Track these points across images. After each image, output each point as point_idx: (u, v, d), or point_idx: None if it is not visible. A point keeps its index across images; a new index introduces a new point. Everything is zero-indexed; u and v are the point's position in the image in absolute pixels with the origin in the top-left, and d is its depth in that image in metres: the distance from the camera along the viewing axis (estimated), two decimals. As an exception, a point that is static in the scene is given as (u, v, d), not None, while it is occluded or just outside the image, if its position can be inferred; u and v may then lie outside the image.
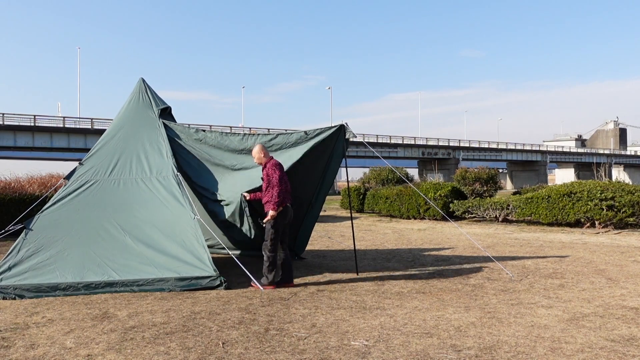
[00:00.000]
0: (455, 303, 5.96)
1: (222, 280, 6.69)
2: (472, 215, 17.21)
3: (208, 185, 7.88)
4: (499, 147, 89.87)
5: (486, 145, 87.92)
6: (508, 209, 16.12)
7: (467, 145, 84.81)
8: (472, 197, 18.38)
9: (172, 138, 8.11)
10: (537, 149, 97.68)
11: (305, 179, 8.56)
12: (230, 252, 7.75)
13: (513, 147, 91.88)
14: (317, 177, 8.47)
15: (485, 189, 19.17)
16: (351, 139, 7.59)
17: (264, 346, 4.46)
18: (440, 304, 5.91)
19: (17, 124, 51.95)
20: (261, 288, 6.65)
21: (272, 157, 7.04)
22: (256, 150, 7.07)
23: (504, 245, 11.25)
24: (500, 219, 16.43)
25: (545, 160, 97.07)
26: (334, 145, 7.86)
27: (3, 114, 51.19)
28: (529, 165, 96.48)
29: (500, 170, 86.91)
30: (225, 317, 5.40)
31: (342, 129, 7.51)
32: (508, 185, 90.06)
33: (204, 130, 8.36)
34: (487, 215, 16.66)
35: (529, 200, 15.44)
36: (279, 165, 6.89)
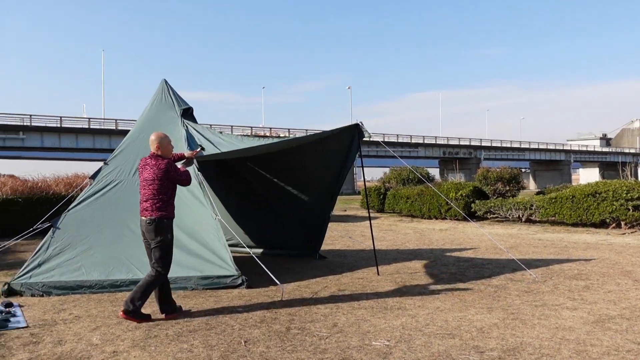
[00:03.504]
0: (478, 304, 5.92)
1: (244, 279, 6.75)
2: (494, 216, 17.04)
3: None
4: (522, 146, 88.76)
5: (508, 145, 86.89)
6: (531, 209, 15.92)
7: (488, 144, 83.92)
8: (494, 197, 18.19)
9: (194, 138, 8.20)
10: (561, 148, 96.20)
11: (320, 179, 8.60)
12: (251, 252, 7.81)
13: (536, 147, 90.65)
14: (333, 177, 8.51)
15: (507, 188, 18.95)
16: (368, 139, 7.59)
17: (286, 345, 4.49)
18: (463, 305, 5.87)
19: (44, 125, 53.00)
20: (283, 288, 6.68)
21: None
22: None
23: (527, 246, 11.12)
24: (523, 220, 16.24)
25: (569, 160, 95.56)
26: (349, 145, 7.88)
27: (30, 115, 52.26)
28: (553, 164, 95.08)
29: (523, 170, 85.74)
30: (247, 315, 5.45)
31: (356, 128, 7.50)
32: (531, 185, 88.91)
33: (221, 132, 8.58)
34: (509, 215, 16.48)
35: (553, 200, 15.23)
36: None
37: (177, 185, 5.40)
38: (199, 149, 6.01)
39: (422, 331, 4.86)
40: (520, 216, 16.26)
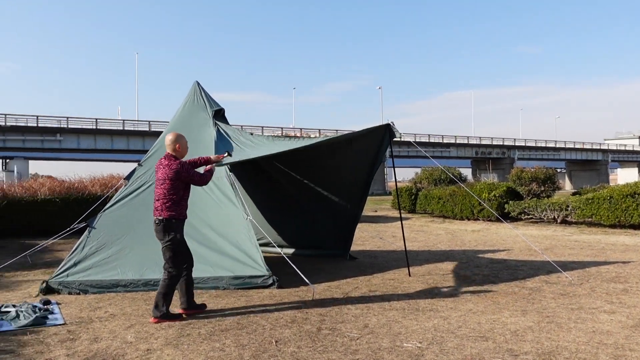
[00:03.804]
0: (512, 306, 5.81)
1: (275, 280, 6.78)
2: (528, 217, 16.72)
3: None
4: (557, 145, 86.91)
5: (543, 144, 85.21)
6: (567, 210, 15.57)
7: (522, 144, 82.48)
8: (529, 198, 17.85)
9: (225, 139, 8.28)
10: (598, 147, 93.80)
11: (351, 179, 8.58)
12: (282, 252, 7.85)
13: (572, 146, 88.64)
14: (363, 177, 8.48)
15: (542, 189, 18.57)
16: (398, 139, 7.54)
17: (317, 345, 4.49)
18: (496, 307, 5.77)
19: (80, 127, 54.39)
20: (314, 288, 6.69)
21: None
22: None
23: (562, 248, 10.88)
24: (558, 221, 15.89)
25: (607, 160, 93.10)
26: (380, 145, 7.84)
27: (67, 117, 53.72)
28: (589, 164, 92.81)
29: (559, 170, 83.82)
30: (278, 315, 5.47)
31: (387, 128, 7.45)
32: (567, 186, 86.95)
33: (251, 134, 8.64)
34: (544, 216, 16.15)
35: (590, 201, 14.86)
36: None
37: (210, 186, 5.43)
38: (225, 154, 6.04)
39: (454, 333, 4.80)
40: (556, 217, 15.91)
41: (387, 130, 7.47)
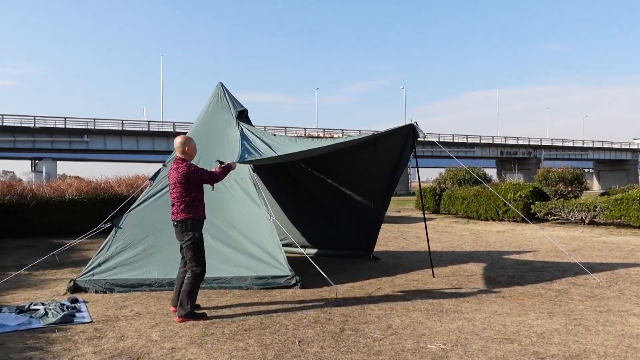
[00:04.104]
0: (538, 308, 5.72)
1: (298, 280, 6.79)
2: (555, 217, 16.45)
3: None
4: (585, 145, 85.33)
5: (570, 144, 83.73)
6: (595, 210, 15.28)
7: (549, 144, 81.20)
8: (555, 199, 17.56)
9: (248, 139, 8.32)
10: (627, 147, 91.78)
11: (375, 179, 8.55)
12: (304, 252, 7.86)
13: (600, 146, 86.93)
14: (387, 177, 8.44)
15: (569, 189, 18.24)
16: (422, 139, 7.48)
17: (340, 346, 4.48)
18: (522, 309, 5.69)
19: (106, 128, 55.30)
20: (337, 288, 6.68)
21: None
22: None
23: (590, 249, 10.67)
24: (586, 222, 15.60)
25: (636, 159, 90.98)
26: (403, 145, 7.79)
27: (94, 119, 54.65)
28: (618, 164, 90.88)
29: (586, 170, 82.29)
30: (301, 315, 5.48)
31: (411, 128, 7.39)
32: (595, 186, 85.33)
33: (274, 134, 8.67)
34: (571, 217, 15.87)
35: (619, 202, 14.55)
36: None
37: (234, 187, 5.46)
38: (223, 163, 6.03)
39: (479, 335, 4.74)
40: (583, 218, 15.62)
41: (410, 131, 7.42)
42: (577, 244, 11.65)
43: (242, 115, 8.82)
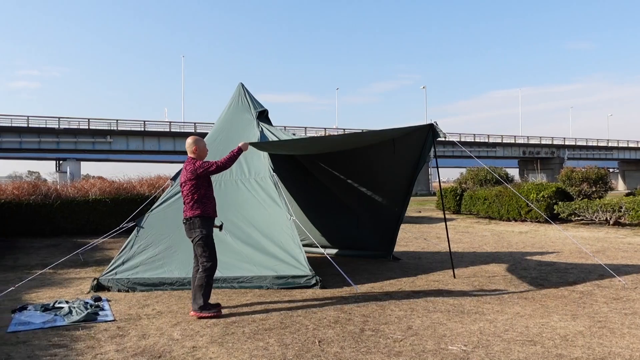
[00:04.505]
0: (561, 310, 5.64)
1: (318, 280, 6.79)
2: (579, 218, 16.20)
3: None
4: (609, 144, 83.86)
5: (594, 143, 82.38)
6: (620, 211, 14.99)
7: (572, 143, 79.97)
8: (579, 199, 17.29)
9: (268, 139, 8.35)
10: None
11: (394, 179, 8.51)
12: (325, 252, 7.86)
13: (625, 145, 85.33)
14: (406, 177, 8.40)
15: (593, 189, 17.94)
16: (443, 139, 7.43)
17: (360, 346, 4.47)
18: (544, 311, 5.61)
19: (129, 129, 56.02)
20: (357, 288, 6.67)
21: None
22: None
23: (615, 251, 10.48)
24: (611, 222, 15.32)
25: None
26: (423, 145, 7.74)
27: (117, 120, 55.43)
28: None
29: (611, 170, 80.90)
30: (321, 315, 5.48)
31: (430, 128, 7.34)
32: (620, 186, 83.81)
33: (294, 134, 8.71)
34: (596, 217, 15.60)
35: (645, 202, 14.26)
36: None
37: (254, 187, 5.49)
38: (221, 228, 6.03)
39: (500, 337, 4.69)
40: (608, 219, 15.35)
41: (430, 131, 7.37)
42: (601, 245, 11.45)
43: (263, 116, 8.86)
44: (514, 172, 63.85)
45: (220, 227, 5.96)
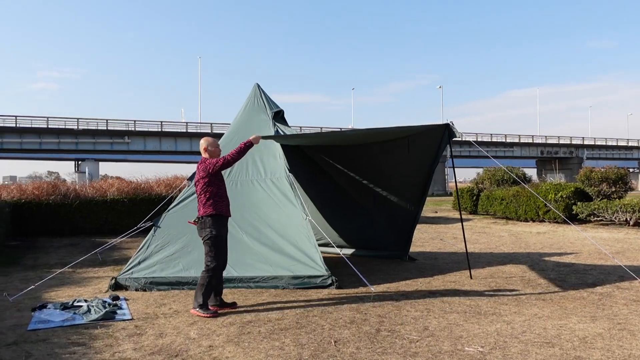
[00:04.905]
0: (580, 312, 5.57)
1: (334, 280, 6.79)
2: (598, 219, 15.98)
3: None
4: (629, 144, 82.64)
5: (614, 143, 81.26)
6: (640, 211, 14.76)
7: (591, 143, 78.96)
8: (599, 199, 17.06)
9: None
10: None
11: (409, 179, 8.47)
12: (340, 252, 7.85)
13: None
14: (422, 177, 8.36)
15: (613, 190, 17.69)
16: (458, 139, 7.38)
17: (376, 347, 4.46)
18: (563, 313, 5.55)
19: (146, 129, 56.55)
20: (373, 289, 6.65)
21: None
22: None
23: (635, 252, 10.32)
24: (631, 223, 15.09)
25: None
26: (438, 145, 7.70)
27: (135, 121, 55.99)
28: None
29: (631, 170, 79.71)
30: (336, 315, 5.48)
31: (446, 128, 7.28)
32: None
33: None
34: (615, 218, 15.38)
35: (666, 203, 14.03)
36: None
37: (270, 187, 5.51)
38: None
39: (518, 338, 4.65)
40: (628, 219, 15.13)
41: (446, 130, 7.33)
42: (621, 246, 11.29)
43: (278, 116, 8.87)
44: (531, 172, 63.14)
45: (195, 222, 5.83)
